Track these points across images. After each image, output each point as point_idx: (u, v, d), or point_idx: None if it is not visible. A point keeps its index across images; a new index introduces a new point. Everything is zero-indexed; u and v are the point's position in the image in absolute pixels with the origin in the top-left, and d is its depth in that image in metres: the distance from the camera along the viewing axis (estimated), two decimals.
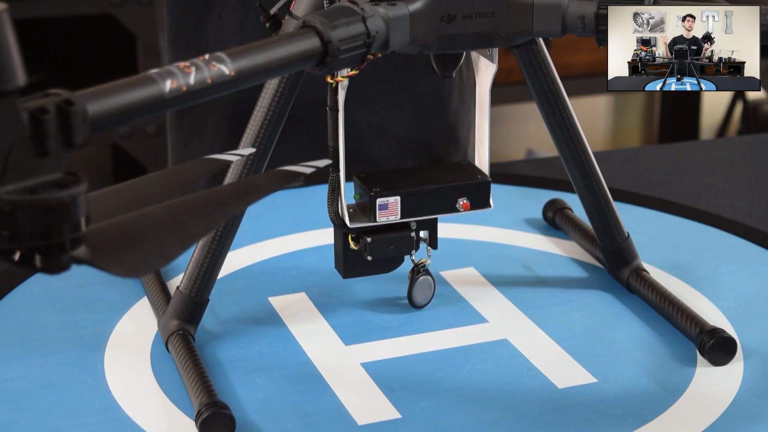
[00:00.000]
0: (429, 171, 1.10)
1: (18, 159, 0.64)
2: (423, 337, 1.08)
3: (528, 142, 3.22)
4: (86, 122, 0.67)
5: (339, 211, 1.04)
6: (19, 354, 1.05)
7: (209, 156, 0.81)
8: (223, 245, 1.03)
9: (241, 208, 0.78)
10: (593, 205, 1.13)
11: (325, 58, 0.86)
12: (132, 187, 0.75)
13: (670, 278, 1.17)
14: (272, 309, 1.12)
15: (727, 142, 1.96)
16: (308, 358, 1.04)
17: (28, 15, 2.36)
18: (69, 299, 1.13)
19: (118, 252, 0.68)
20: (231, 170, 1.02)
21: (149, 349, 1.06)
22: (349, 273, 1.08)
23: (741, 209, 1.34)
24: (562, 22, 0.98)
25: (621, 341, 1.07)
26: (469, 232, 1.27)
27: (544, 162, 1.54)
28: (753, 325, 1.09)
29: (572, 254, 1.23)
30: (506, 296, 1.14)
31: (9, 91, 0.64)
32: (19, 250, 0.66)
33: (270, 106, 1.01)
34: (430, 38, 0.95)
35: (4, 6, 0.63)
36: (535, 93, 1.08)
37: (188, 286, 1.04)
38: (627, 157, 1.58)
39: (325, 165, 0.81)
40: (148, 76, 0.73)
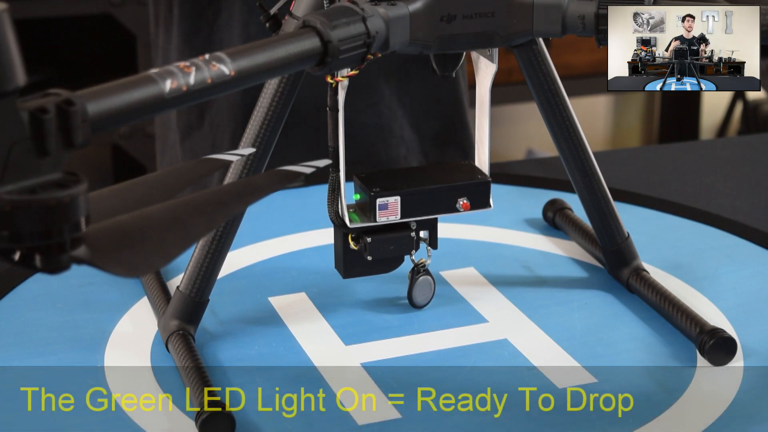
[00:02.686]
0: (429, 171, 1.10)
1: (18, 159, 0.64)
2: (423, 337, 1.08)
3: (528, 142, 3.22)
4: (86, 122, 0.67)
5: (339, 211, 1.04)
6: (19, 354, 1.05)
7: (209, 156, 0.81)
8: (223, 245, 1.03)
9: (241, 208, 0.78)
10: (593, 205, 1.13)
11: (325, 58, 0.85)
12: (132, 187, 0.75)
13: (670, 278, 1.17)
14: (272, 309, 1.12)
15: (727, 142, 1.96)
16: (308, 358, 1.04)
17: (28, 15, 2.36)
18: (69, 299, 1.13)
19: (118, 252, 0.68)
20: (231, 170, 1.02)
21: (149, 349, 1.06)
22: (349, 273, 1.08)
23: (741, 209, 1.34)
24: (562, 22, 0.98)
25: (621, 341, 1.07)
26: (469, 232, 1.27)
27: (544, 162, 1.54)
28: (753, 325, 1.09)
29: (572, 254, 1.23)
30: (506, 296, 1.14)
31: (9, 91, 0.64)
32: (19, 250, 0.66)
33: (270, 106, 1.01)
34: (430, 38, 0.95)
35: (4, 6, 0.63)
36: (535, 93, 1.08)
37: (188, 286, 1.04)
38: (627, 157, 1.58)
39: (325, 165, 0.81)
40: (148, 76, 0.73)
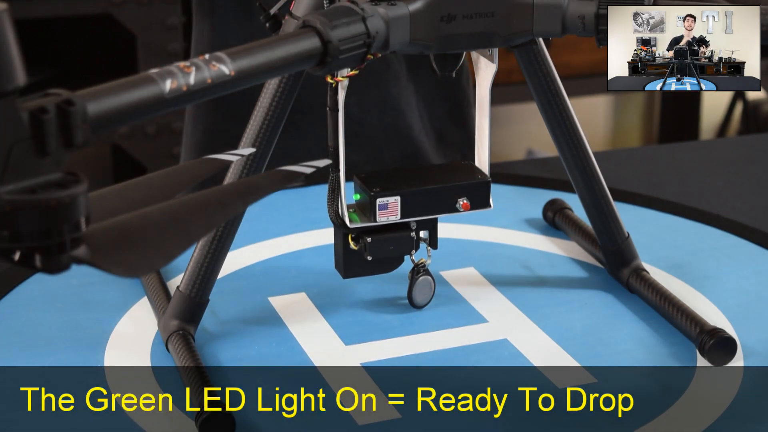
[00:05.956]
0: (429, 171, 1.10)
1: (18, 159, 0.64)
2: (423, 337, 1.08)
3: (528, 142, 3.22)
4: (86, 122, 0.67)
5: (339, 211, 1.04)
6: (19, 354, 1.05)
7: (209, 156, 0.81)
8: (223, 245, 1.03)
9: (241, 208, 0.78)
10: (593, 205, 1.13)
11: (325, 58, 0.85)
12: (132, 187, 0.75)
13: (670, 278, 1.17)
14: (272, 309, 1.12)
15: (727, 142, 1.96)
16: (308, 358, 1.04)
17: (28, 15, 2.36)
18: (69, 299, 1.13)
19: (118, 252, 0.68)
20: (231, 170, 1.02)
21: (149, 349, 1.06)
22: (349, 273, 1.08)
23: (741, 209, 1.34)
24: (562, 22, 0.98)
25: (621, 341, 1.07)
26: (469, 232, 1.27)
27: (544, 162, 1.54)
28: (753, 325, 1.09)
29: (572, 254, 1.23)
30: (506, 296, 1.14)
31: (9, 91, 0.64)
32: (19, 250, 0.66)
33: (270, 106, 1.01)
34: (430, 38, 0.95)
35: (4, 6, 0.63)
36: (535, 93, 1.08)
37: (188, 286, 1.04)
38: (627, 157, 1.58)
39: (325, 165, 0.81)
40: (148, 76, 0.73)
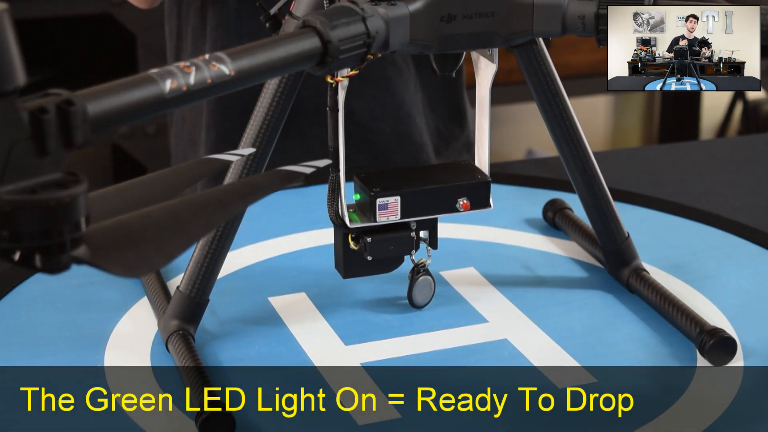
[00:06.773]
0: (429, 171, 1.10)
1: (18, 159, 0.64)
2: (423, 337, 1.08)
3: (528, 142, 3.22)
4: (86, 122, 0.67)
5: (339, 211, 1.04)
6: (19, 354, 1.05)
7: (209, 156, 0.81)
8: (223, 245, 1.03)
9: (241, 208, 0.78)
10: (593, 205, 1.13)
11: (325, 58, 0.85)
12: (132, 187, 0.75)
13: (670, 278, 1.17)
14: (272, 309, 1.12)
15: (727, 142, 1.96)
16: (308, 358, 1.04)
17: (28, 15, 2.36)
18: (69, 299, 1.13)
19: (118, 252, 0.68)
20: (231, 170, 1.02)
21: (149, 349, 1.06)
22: (349, 273, 1.08)
23: (741, 209, 1.34)
24: (562, 22, 0.98)
25: (621, 341, 1.07)
26: (469, 232, 1.27)
27: (544, 162, 1.54)
28: (753, 325, 1.09)
29: (572, 254, 1.23)
30: (506, 296, 1.14)
31: (9, 91, 0.64)
32: (19, 250, 0.66)
33: (270, 106, 1.01)
34: (430, 38, 0.95)
35: (4, 6, 0.63)
36: (535, 93, 1.08)
37: (188, 286, 1.04)
38: (627, 157, 1.58)
39: (325, 165, 0.81)
40: (148, 76, 0.73)
